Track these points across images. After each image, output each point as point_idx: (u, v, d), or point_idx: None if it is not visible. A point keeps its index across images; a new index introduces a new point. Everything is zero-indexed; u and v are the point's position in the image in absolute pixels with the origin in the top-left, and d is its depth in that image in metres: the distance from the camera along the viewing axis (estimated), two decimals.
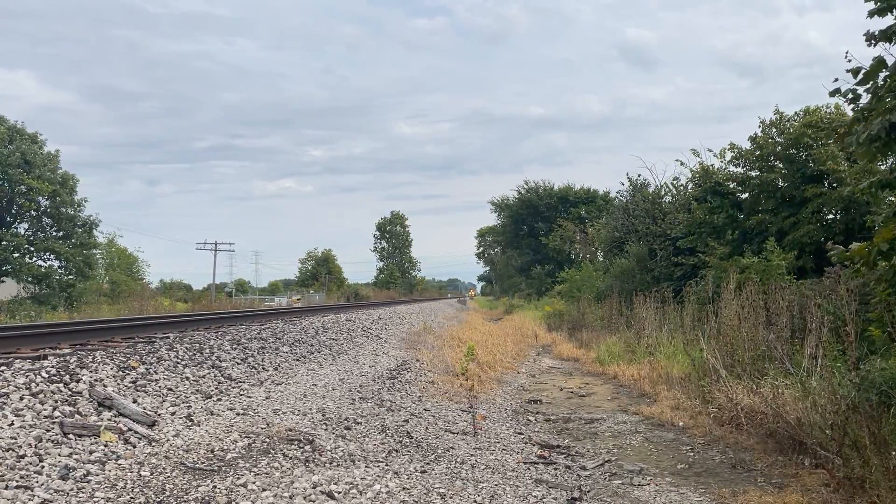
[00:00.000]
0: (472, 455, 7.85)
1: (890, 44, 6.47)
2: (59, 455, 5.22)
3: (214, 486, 5.09)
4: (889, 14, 6.48)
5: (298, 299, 69.98)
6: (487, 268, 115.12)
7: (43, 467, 4.95)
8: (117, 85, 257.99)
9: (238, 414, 7.52)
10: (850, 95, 6.74)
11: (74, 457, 5.28)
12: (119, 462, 5.39)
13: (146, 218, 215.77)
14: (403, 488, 5.85)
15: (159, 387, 7.71)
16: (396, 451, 7.33)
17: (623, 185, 34.91)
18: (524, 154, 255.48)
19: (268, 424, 7.17)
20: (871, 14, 6.55)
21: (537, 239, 59.11)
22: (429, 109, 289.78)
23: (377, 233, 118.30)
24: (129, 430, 6.08)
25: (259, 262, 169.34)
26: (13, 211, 35.63)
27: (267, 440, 6.56)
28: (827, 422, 7.11)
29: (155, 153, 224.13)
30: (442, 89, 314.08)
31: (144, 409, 6.78)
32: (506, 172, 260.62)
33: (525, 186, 64.41)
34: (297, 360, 12.15)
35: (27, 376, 6.49)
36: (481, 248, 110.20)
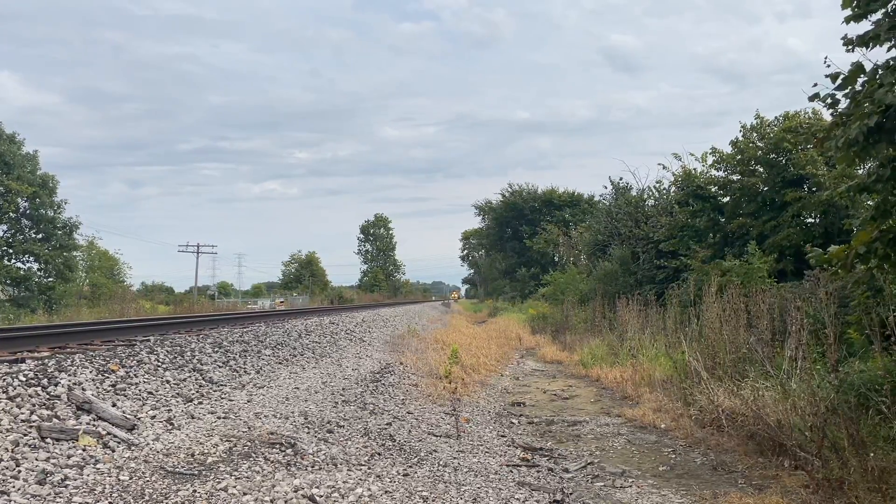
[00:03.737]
0: (454, 458, 7.85)
1: (868, 49, 6.55)
2: (37, 460, 5.15)
3: (195, 491, 5.05)
4: (865, 20, 6.56)
5: (282, 302, 69.62)
6: (472, 270, 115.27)
7: (20, 472, 4.88)
8: (102, 87, 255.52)
9: (219, 417, 7.47)
10: (829, 100, 6.81)
11: (52, 461, 5.21)
12: (98, 466, 5.33)
13: (129, 220, 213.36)
14: (386, 492, 5.83)
15: (139, 390, 7.64)
16: (379, 454, 7.31)
17: (606, 188, 35.15)
18: (510, 158, 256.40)
19: (249, 428, 7.13)
20: (848, 20, 6.63)
21: (521, 242, 59.26)
22: (415, 113, 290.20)
23: (361, 235, 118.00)
24: (109, 434, 6.01)
25: (242, 264, 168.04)
26: None
27: (248, 444, 6.51)
28: (806, 423, 7.19)
29: (139, 155, 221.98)
30: (428, 93, 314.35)
31: (124, 412, 6.71)
32: (491, 176, 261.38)
33: (509, 189, 64.62)
34: (280, 363, 12.08)
35: (4, 380, 6.40)
36: (466, 251, 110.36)
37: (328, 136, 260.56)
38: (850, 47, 6.61)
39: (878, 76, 6.26)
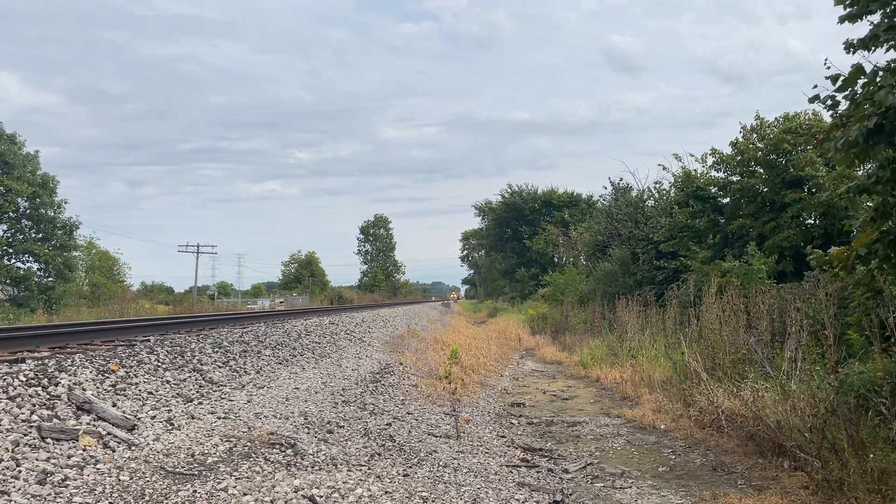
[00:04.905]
0: (454, 458, 7.85)
1: (868, 51, 6.56)
2: (37, 460, 5.15)
3: (195, 491, 5.05)
4: (859, 20, 6.57)
5: (282, 302, 69.62)
6: (472, 271, 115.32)
7: (20, 472, 4.88)
8: (102, 87, 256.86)
9: (219, 418, 7.47)
10: (829, 102, 6.82)
11: (52, 461, 5.21)
12: (98, 467, 5.33)
13: (129, 220, 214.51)
14: (385, 492, 5.83)
15: (139, 390, 7.64)
16: (379, 454, 7.31)
17: (606, 189, 35.16)
18: (509, 158, 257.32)
19: (249, 428, 7.13)
20: (842, 20, 6.65)
21: (521, 242, 59.23)
22: (415, 113, 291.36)
23: (361, 236, 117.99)
24: (109, 434, 6.01)
25: (242, 264, 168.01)
26: None
27: (248, 444, 6.52)
28: (806, 424, 7.19)
29: (139, 155, 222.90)
30: (428, 93, 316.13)
31: (124, 412, 6.71)
32: (491, 176, 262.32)
33: (509, 190, 64.61)
34: (280, 363, 12.08)
35: (4, 380, 6.40)
36: (465, 252, 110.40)
37: (328, 136, 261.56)
38: (850, 49, 6.62)
39: (878, 78, 6.27)
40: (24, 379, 6.59)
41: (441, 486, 6.50)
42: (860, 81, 6.45)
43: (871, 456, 6.14)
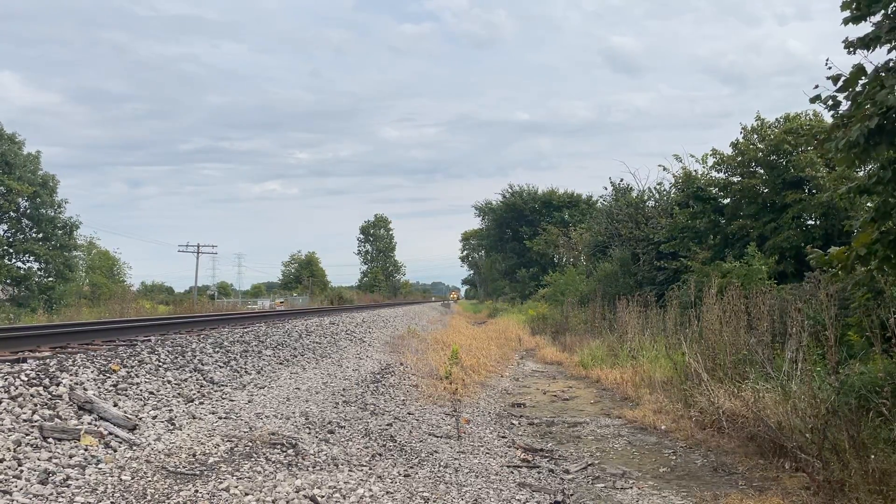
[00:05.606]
0: (455, 459, 7.85)
1: (869, 51, 6.56)
2: (39, 459, 5.16)
3: (196, 491, 5.06)
4: (863, 22, 6.57)
5: (282, 302, 69.57)
6: (472, 271, 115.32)
7: (22, 471, 4.89)
8: (103, 86, 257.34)
9: (220, 418, 7.47)
10: (830, 102, 6.81)
11: (54, 461, 5.22)
12: (99, 466, 5.33)
13: (129, 220, 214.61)
14: (387, 492, 5.83)
15: (141, 390, 7.64)
16: (380, 454, 7.31)
17: (606, 189, 35.16)
18: (510, 158, 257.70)
19: (250, 428, 7.13)
20: (846, 22, 6.65)
21: (521, 243, 59.24)
22: (415, 113, 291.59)
23: (361, 236, 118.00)
24: (110, 433, 6.02)
25: (242, 264, 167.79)
26: None
27: (249, 444, 6.52)
28: (807, 425, 7.19)
29: (139, 155, 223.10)
30: (429, 94, 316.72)
31: (125, 412, 6.72)
32: (492, 176, 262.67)
33: (510, 190, 64.61)
34: (280, 363, 12.08)
35: (6, 379, 6.40)
36: (466, 252, 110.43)
37: (329, 136, 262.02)
38: (851, 49, 6.62)
39: (879, 78, 6.27)
40: (26, 379, 6.59)
41: (442, 486, 6.50)
42: (861, 81, 6.45)
43: (873, 457, 6.14)
